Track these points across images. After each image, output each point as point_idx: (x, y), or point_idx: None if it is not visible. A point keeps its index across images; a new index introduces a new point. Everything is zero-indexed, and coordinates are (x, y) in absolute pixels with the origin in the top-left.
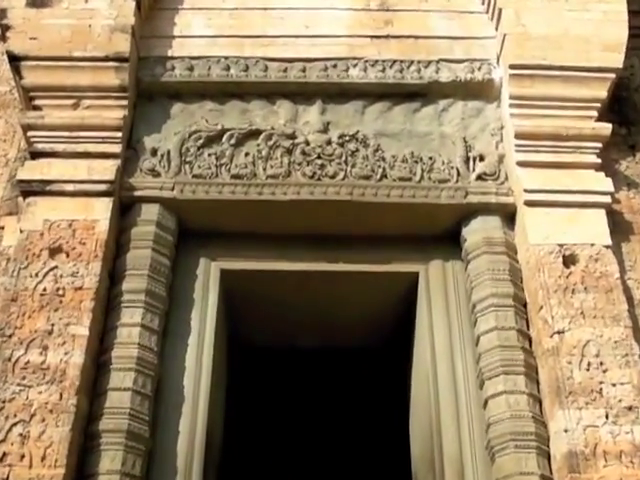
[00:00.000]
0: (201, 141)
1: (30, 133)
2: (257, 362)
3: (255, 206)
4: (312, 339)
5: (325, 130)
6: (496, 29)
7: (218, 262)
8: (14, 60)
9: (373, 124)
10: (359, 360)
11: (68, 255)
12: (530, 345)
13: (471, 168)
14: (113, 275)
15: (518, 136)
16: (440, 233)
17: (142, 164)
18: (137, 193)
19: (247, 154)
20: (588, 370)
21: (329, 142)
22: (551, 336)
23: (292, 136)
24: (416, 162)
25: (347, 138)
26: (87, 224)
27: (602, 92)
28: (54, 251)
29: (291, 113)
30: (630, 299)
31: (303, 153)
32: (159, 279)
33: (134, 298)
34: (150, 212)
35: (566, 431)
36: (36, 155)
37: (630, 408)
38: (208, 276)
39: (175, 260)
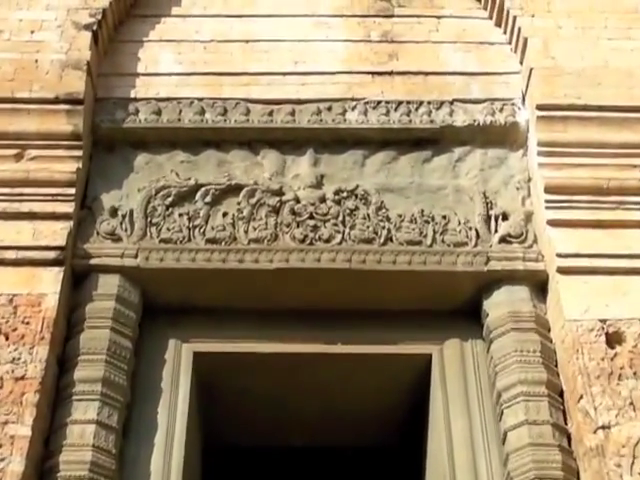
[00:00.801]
0: (170, 199)
1: None
2: (240, 465)
3: (235, 276)
4: (307, 437)
5: (318, 185)
6: (521, 63)
7: (191, 344)
8: None
9: (375, 177)
10: (363, 461)
11: (8, 337)
12: (569, 443)
13: (493, 229)
14: (63, 361)
15: (549, 190)
16: (457, 307)
17: (99, 226)
18: (93, 261)
19: (225, 214)
20: None
21: (323, 199)
22: (594, 432)
23: (279, 192)
24: (427, 222)
25: (344, 194)
26: (32, 299)
27: None
28: None
29: (277, 165)
30: None
31: (292, 212)
32: (119, 365)
33: (88, 389)
34: (109, 284)
35: None
36: None
37: None
38: (179, 361)
39: (139, 342)
